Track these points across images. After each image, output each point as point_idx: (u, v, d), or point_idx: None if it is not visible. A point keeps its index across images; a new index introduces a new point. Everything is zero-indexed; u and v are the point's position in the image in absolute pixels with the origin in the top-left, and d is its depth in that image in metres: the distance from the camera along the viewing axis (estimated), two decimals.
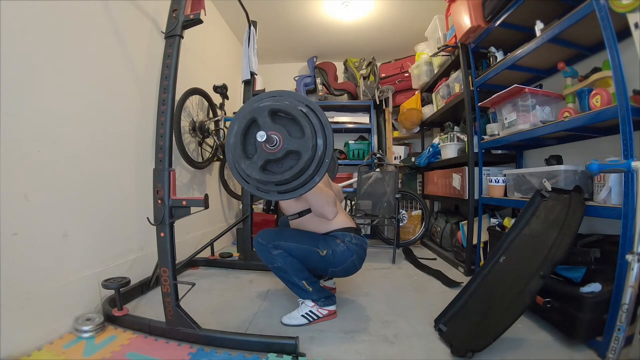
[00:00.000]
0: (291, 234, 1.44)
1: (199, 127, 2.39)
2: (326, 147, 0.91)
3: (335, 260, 1.41)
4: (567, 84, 1.53)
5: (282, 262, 1.40)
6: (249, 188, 1.00)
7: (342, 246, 1.42)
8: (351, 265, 1.44)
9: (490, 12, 1.84)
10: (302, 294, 1.46)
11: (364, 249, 1.49)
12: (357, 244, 1.45)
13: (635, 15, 1.04)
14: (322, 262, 1.41)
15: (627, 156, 1.07)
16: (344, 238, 1.43)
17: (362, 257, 1.49)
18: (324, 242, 1.43)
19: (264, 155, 0.92)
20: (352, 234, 1.46)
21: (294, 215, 1.51)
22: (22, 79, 1.18)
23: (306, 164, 0.90)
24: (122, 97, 1.72)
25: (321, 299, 1.45)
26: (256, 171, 0.92)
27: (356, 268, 1.48)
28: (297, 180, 0.92)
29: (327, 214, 1.37)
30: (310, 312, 1.44)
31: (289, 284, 1.46)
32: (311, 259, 1.41)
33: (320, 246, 1.41)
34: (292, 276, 1.42)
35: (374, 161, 3.36)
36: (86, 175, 1.47)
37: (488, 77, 1.93)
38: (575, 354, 1.16)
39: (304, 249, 1.40)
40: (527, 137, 1.62)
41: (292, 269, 1.41)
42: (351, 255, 1.42)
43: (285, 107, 0.91)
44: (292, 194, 0.96)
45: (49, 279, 1.25)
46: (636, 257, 0.87)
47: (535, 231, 1.37)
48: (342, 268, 1.44)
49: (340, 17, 3.04)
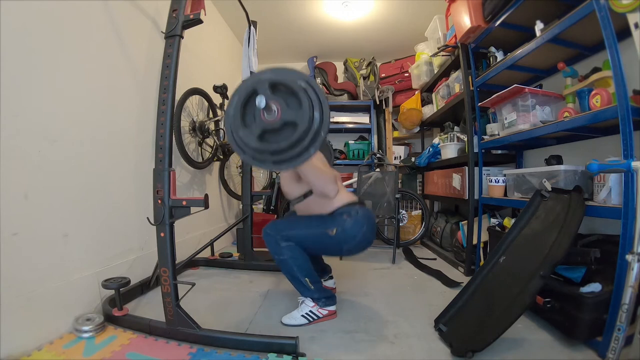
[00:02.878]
0: (298, 222, 1.44)
1: (199, 127, 2.39)
2: (322, 120, 0.93)
3: (346, 236, 1.39)
4: (567, 84, 1.53)
5: (288, 254, 1.40)
6: (245, 158, 1.01)
7: (350, 220, 1.40)
8: (363, 237, 1.43)
9: (490, 12, 1.84)
10: (304, 291, 1.46)
11: (372, 219, 1.48)
12: (365, 215, 1.44)
13: (635, 15, 1.04)
14: (334, 243, 1.40)
15: (627, 156, 1.07)
16: (350, 212, 1.42)
17: (372, 227, 1.47)
18: (331, 221, 1.41)
19: (262, 125, 0.94)
20: (357, 207, 1.45)
21: (299, 198, 1.50)
22: (22, 79, 1.18)
23: (302, 135, 0.91)
24: (122, 97, 1.72)
25: (322, 299, 1.45)
26: (253, 140, 0.94)
27: (369, 240, 1.47)
28: (292, 150, 0.93)
29: (328, 192, 1.36)
30: (310, 312, 1.43)
31: (291, 278, 1.46)
32: (323, 243, 1.41)
33: (329, 227, 1.40)
34: (296, 271, 1.42)
35: (374, 161, 3.36)
36: (86, 175, 1.47)
37: (488, 77, 1.93)
38: (575, 354, 1.16)
39: (314, 234, 1.40)
40: (527, 137, 1.62)
41: (297, 263, 1.41)
42: (361, 227, 1.40)
43: (285, 80, 0.93)
44: (287, 164, 0.97)
45: (49, 279, 1.25)
46: (636, 257, 0.87)
47: (535, 231, 1.37)
48: (355, 243, 1.42)
49: (340, 17, 3.04)
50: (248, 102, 0.97)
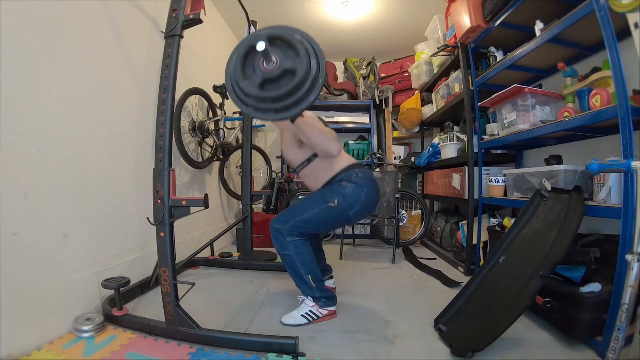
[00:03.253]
0: (301, 206, 1.45)
1: (199, 127, 2.39)
2: (320, 68, 0.99)
3: (350, 202, 1.41)
4: (567, 84, 1.53)
5: (293, 250, 1.41)
6: (247, 110, 1.04)
7: (350, 186, 1.41)
8: (367, 199, 1.44)
9: (490, 12, 1.84)
10: (305, 289, 1.46)
11: (373, 180, 1.49)
12: (365, 177, 1.45)
13: (635, 15, 1.04)
14: (340, 213, 1.41)
15: (627, 156, 1.07)
16: (350, 177, 1.43)
17: (374, 187, 1.48)
18: (331, 193, 1.42)
19: (262, 75, 0.97)
20: (357, 170, 1.46)
21: (303, 164, 1.50)
22: (22, 79, 1.18)
23: (301, 80, 0.95)
24: (122, 97, 1.72)
25: (322, 299, 1.45)
26: (255, 88, 0.97)
27: (374, 200, 1.48)
28: (293, 97, 0.97)
29: (331, 150, 1.36)
30: (310, 312, 1.43)
31: (294, 275, 1.46)
32: (330, 217, 1.42)
33: (330, 199, 1.41)
34: (299, 268, 1.42)
35: (374, 161, 3.36)
36: (86, 175, 1.47)
37: (488, 77, 1.93)
38: (575, 354, 1.16)
39: (319, 212, 1.41)
40: (527, 137, 1.62)
41: (301, 259, 1.42)
42: (362, 189, 1.42)
43: (282, 34, 0.98)
44: (288, 112, 1.00)
45: (49, 279, 1.25)
46: (636, 257, 0.87)
47: (535, 231, 1.37)
48: (360, 206, 1.43)
49: (340, 17, 3.04)
50: (247, 57, 1.01)
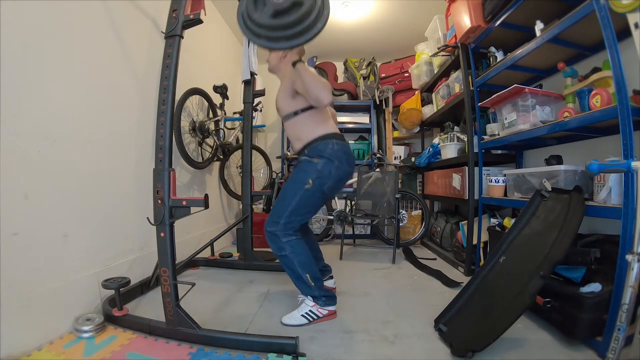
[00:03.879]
0: (282, 201, 1.48)
1: (199, 127, 2.39)
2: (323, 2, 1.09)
3: (323, 177, 1.44)
4: (567, 84, 1.53)
5: (289, 250, 1.43)
6: (260, 42, 1.13)
7: (321, 161, 1.44)
8: (338, 171, 1.46)
9: (490, 12, 1.84)
10: (304, 289, 1.46)
11: (347, 152, 1.51)
12: (339, 150, 1.47)
13: (635, 15, 1.04)
14: (316, 190, 1.44)
15: (627, 156, 1.07)
16: (323, 150, 1.45)
17: (347, 159, 1.50)
18: (303, 174, 1.45)
19: (272, 6, 1.07)
20: (333, 141, 1.47)
21: (290, 114, 1.52)
22: (22, 80, 1.18)
23: (308, 10, 1.05)
24: (122, 97, 1.72)
25: (322, 298, 1.45)
26: (267, 17, 1.08)
27: (346, 172, 1.51)
28: (302, 24, 1.06)
29: (322, 97, 1.36)
30: (310, 311, 1.43)
31: (292, 275, 1.47)
32: (310, 199, 1.45)
33: (305, 181, 1.44)
34: (297, 267, 1.43)
35: (374, 161, 3.36)
36: (86, 175, 1.47)
37: (488, 77, 1.93)
38: (575, 354, 1.16)
39: (299, 199, 1.44)
40: (527, 137, 1.62)
41: (298, 259, 1.43)
42: (332, 163, 1.44)
43: None
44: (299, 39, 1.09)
45: (49, 279, 1.25)
46: (636, 257, 0.87)
47: (535, 231, 1.37)
48: (332, 180, 1.46)
49: (340, 17, 3.04)
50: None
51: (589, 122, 1.27)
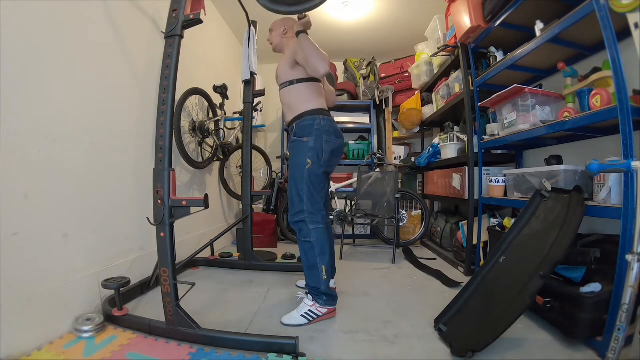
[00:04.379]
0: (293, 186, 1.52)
1: (199, 127, 2.39)
2: None
3: (317, 152, 1.48)
4: (567, 84, 1.53)
5: (315, 237, 1.46)
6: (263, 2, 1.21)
7: (310, 139, 1.48)
8: (328, 143, 1.50)
9: (490, 12, 1.84)
10: (314, 280, 1.47)
11: (334, 127, 1.55)
12: (326, 124, 1.51)
13: (635, 15, 1.04)
14: (317, 168, 1.48)
15: (627, 156, 1.07)
16: (312, 126, 1.49)
17: (334, 133, 1.54)
18: (300, 156, 1.49)
19: None
20: (321, 117, 1.52)
21: (285, 83, 1.56)
22: (22, 79, 1.18)
23: None
24: (122, 97, 1.72)
25: (324, 297, 1.45)
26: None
27: (337, 143, 1.55)
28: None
29: (319, 67, 1.40)
30: (309, 311, 1.44)
31: (308, 263, 1.49)
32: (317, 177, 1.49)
33: (304, 162, 1.48)
34: (317, 256, 1.46)
35: (374, 161, 3.36)
36: (86, 175, 1.47)
37: (488, 77, 1.93)
38: (575, 354, 1.16)
39: (307, 182, 1.48)
40: (527, 137, 1.62)
41: (320, 249, 1.47)
42: (321, 137, 1.48)
43: None
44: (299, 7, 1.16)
45: (49, 279, 1.25)
46: (636, 257, 0.87)
47: (535, 231, 1.37)
48: (325, 153, 1.49)
49: (340, 17, 3.04)
50: None
51: (589, 122, 1.27)
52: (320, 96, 1.59)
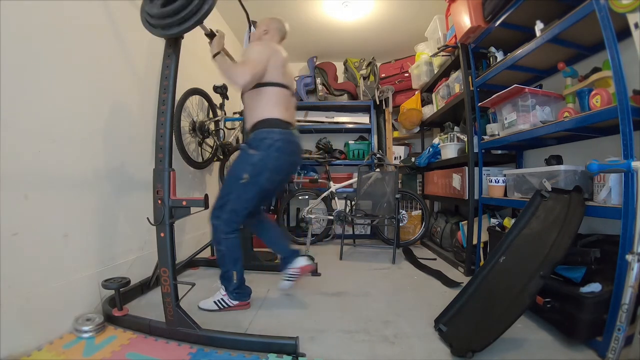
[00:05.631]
0: (222, 193, 1.52)
1: (199, 127, 2.38)
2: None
3: (259, 170, 1.46)
4: (567, 84, 1.53)
5: (225, 247, 1.50)
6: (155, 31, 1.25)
7: (258, 154, 1.45)
8: (277, 161, 1.48)
9: (490, 12, 1.84)
10: (225, 281, 1.56)
11: (290, 141, 1.52)
12: (280, 139, 1.47)
13: (635, 15, 1.04)
14: (253, 185, 1.46)
15: (627, 156, 1.07)
16: (264, 140, 1.45)
17: (288, 149, 1.51)
18: (240, 168, 1.48)
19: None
20: (276, 130, 1.48)
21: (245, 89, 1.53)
22: (23, 79, 1.18)
23: None
24: (122, 97, 1.71)
25: (234, 292, 1.54)
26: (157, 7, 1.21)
27: (287, 161, 1.53)
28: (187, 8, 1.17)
29: (233, 78, 1.40)
30: (222, 299, 1.55)
31: (222, 267, 1.55)
32: (248, 193, 1.48)
33: (240, 175, 1.46)
34: (228, 263, 1.52)
35: (374, 161, 3.36)
36: (86, 175, 1.47)
37: (488, 77, 1.93)
38: (575, 354, 1.16)
39: (237, 194, 1.48)
40: (527, 137, 1.62)
41: (231, 256, 1.51)
42: (269, 155, 1.46)
43: None
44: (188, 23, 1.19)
45: (49, 279, 1.25)
46: (636, 257, 0.87)
47: (535, 231, 1.37)
48: (271, 172, 1.48)
49: (340, 17, 3.04)
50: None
51: (589, 122, 1.27)
52: (279, 105, 1.52)
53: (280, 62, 1.54)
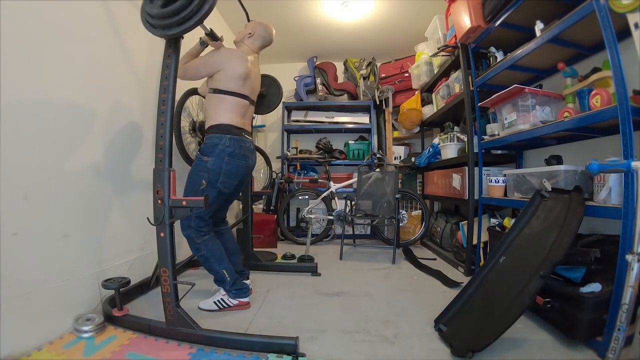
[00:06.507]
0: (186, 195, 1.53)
1: (199, 127, 2.38)
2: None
3: (213, 175, 1.49)
4: (567, 84, 1.53)
5: (205, 249, 1.53)
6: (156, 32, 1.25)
7: (210, 159, 1.49)
8: (229, 165, 1.51)
9: (490, 12, 1.84)
10: (220, 283, 1.57)
11: (241, 146, 1.55)
12: (231, 145, 1.51)
13: (635, 15, 1.04)
14: (212, 188, 1.50)
15: (627, 156, 1.07)
16: (215, 146, 1.49)
17: (239, 154, 1.55)
18: (197, 175, 1.50)
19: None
20: (227, 136, 1.51)
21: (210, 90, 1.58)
22: (22, 79, 1.18)
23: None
24: (122, 97, 1.71)
25: (232, 291, 1.55)
26: (157, 8, 1.21)
27: (238, 165, 1.55)
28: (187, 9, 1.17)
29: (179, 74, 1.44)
30: (221, 299, 1.55)
31: (212, 271, 1.57)
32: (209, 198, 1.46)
33: (198, 181, 1.49)
34: (214, 264, 1.54)
35: (374, 161, 3.36)
36: (86, 175, 1.47)
37: (488, 77, 1.93)
38: (575, 354, 1.16)
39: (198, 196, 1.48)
40: (527, 137, 1.62)
41: (214, 257, 1.54)
42: (221, 159, 1.49)
43: None
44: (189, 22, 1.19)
45: (49, 279, 1.25)
46: (636, 257, 0.87)
47: (535, 231, 1.37)
48: (224, 175, 1.51)
49: (340, 17, 3.04)
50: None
51: (589, 122, 1.27)
52: (234, 111, 1.56)
53: (241, 73, 1.55)
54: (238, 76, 1.54)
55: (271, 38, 1.77)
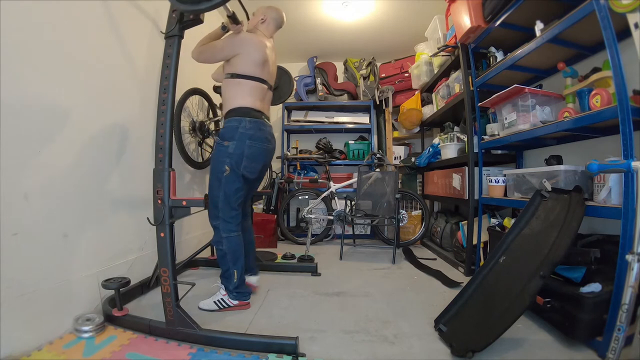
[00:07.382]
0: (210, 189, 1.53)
1: (199, 127, 2.39)
2: None
3: (236, 160, 1.48)
4: (567, 84, 1.53)
5: (226, 246, 1.52)
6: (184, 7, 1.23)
7: (231, 144, 1.47)
8: (251, 148, 1.50)
9: (490, 12, 1.84)
10: (225, 281, 1.56)
11: (261, 129, 1.54)
12: (251, 127, 1.50)
13: (635, 15, 1.04)
14: (235, 176, 1.49)
15: (627, 156, 1.07)
16: (236, 129, 1.48)
17: (260, 137, 1.54)
18: (219, 162, 1.49)
19: None
20: (247, 119, 1.50)
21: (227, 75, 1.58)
22: (23, 79, 1.18)
23: None
24: (122, 97, 1.71)
25: (234, 292, 1.54)
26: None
27: (261, 148, 1.55)
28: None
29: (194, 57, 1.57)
30: (221, 299, 1.55)
31: (223, 266, 1.56)
32: (234, 184, 1.50)
33: (221, 169, 1.48)
34: (229, 262, 1.53)
35: (374, 161, 3.36)
36: (86, 175, 1.47)
37: (488, 77, 1.93)
38: (575, 354, 1.16)
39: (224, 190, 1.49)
40: (527, 137, 1.62)
41: (232, 255, 1.53)
42: (244, 143, 1.48)
43: None
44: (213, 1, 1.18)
45: (49, 279, 1.25)
46: (636, 257, 0.87)
47: (535, 231, 1.37)
48: (248, 158, 1.49)
49: (340, 17, 3.04)
50: None
51: (588, 122, 1.27)
52: (252, 95, 1.55)
53: (259, 58, 1.54)
54: (257, 61, 1.53)
55: (283, 19, 1.78)
